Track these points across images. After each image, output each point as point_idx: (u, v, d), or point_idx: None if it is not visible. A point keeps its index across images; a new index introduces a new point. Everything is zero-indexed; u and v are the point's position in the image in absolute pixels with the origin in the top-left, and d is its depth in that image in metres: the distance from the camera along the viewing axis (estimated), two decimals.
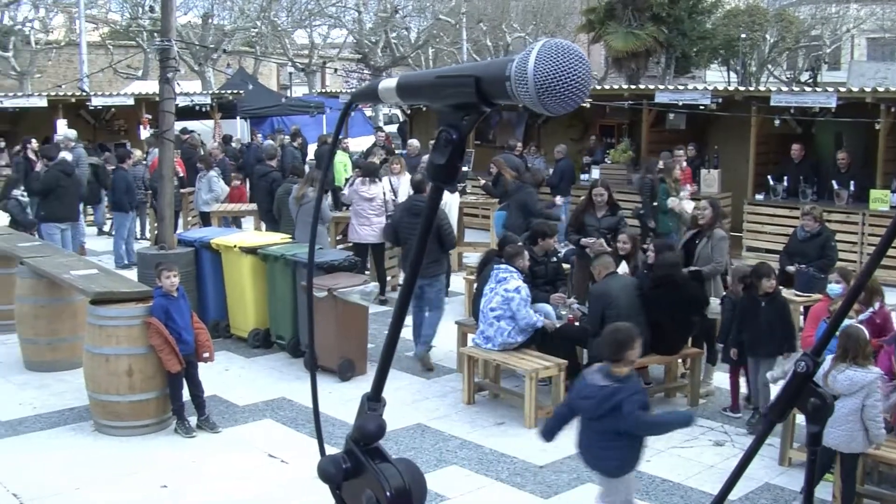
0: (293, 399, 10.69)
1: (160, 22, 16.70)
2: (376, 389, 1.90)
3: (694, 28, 40.16)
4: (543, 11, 50.30)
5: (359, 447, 1.87)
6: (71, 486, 8.48)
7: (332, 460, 1.89)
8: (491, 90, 1.57)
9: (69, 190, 17.05)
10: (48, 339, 11.69)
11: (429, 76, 1.69)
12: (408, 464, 1.87)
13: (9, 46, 41.16)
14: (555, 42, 1.51)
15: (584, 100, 1.52)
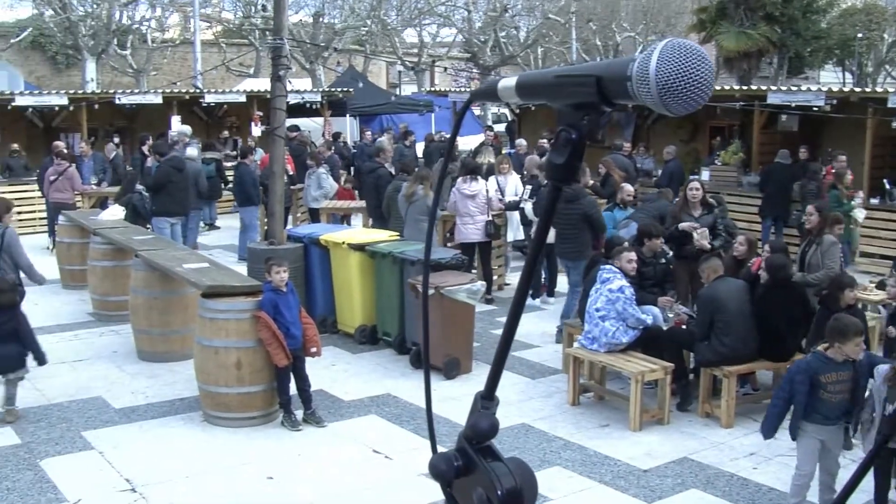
0: (398, 395, 10.75)
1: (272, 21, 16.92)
2: (490, 388, 1.89)
3: (808, 27, 39.32)
4: (654, 11, 49.82)
5: (471, 445, 1.87)
6: (181, 474, 8.65)
7: (443, 457, 1.89)
8: (612, 90, 1.56)
9: (179, 185, 17.36)
10: (161, 331, 11.95)
11: (548, 75, 1.68)
12: (519, 463, 1.86)
13: (126, 45, 42.07)
14: (678, 41, 1.50)
15: (706, 100, 1.50)
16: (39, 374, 11.50)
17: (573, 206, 12.91)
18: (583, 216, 13.04)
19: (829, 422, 7.58)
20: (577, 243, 12.89)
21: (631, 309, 10.18)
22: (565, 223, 12.89)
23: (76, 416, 10.23)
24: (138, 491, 8.30)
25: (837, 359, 7.47)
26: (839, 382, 7.48)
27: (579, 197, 13.23)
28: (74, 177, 19.47)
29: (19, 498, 8.20)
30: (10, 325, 9.97)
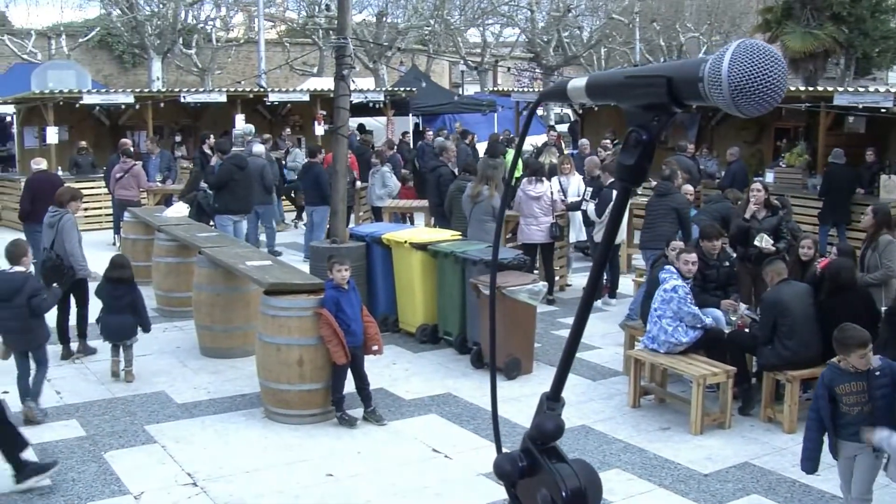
0: (458, 395, 10.75)
1: (336, 20, 16.98)
2: (556, 389, 1.89)
3: (876, 27, 38.71)
4: (718, 11, 49.39)
5: (536, 446, 1.87)
6: (241, 469, 8.72)
7: (508, 458, 1.90)
8: (683, 91, 1.55)
9: (242, 183, 17.49)
10: (223, 327, 12.06)
11: (619, 76, 1.68)
12: (584, 465, 1.86)
13: (192, 44, 42.48)
14: (750, 42, 1.49)
15: (778, 102, 1.49)
16: (104, 368, 11.70)
17: (665, 199, 13.54)
18: (673, 210, 13.43)
19: (856, 437, 7.28)
20: (665, 237, 12.87)
21: (686, 307, 10.09)
22: (654, 216, 13.52)
23: (140, 410, 10.36)
24: (199, 485, 8.38)
25: (849, 369, 7.29)
26: (854, 394, 7.24)
27: (671, 192, 13.72)
28: (140, 174, 19.70)
29: (84, 489, 8.32)
30: (127, 298, 11.21)
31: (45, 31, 45.09)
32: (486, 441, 9.33)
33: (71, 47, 43.64)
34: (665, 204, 13.58)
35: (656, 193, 14.06)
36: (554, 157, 19.95)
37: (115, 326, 11.24)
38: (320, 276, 10.67)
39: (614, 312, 14.15)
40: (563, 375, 1.89)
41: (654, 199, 14.01)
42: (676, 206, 13.55)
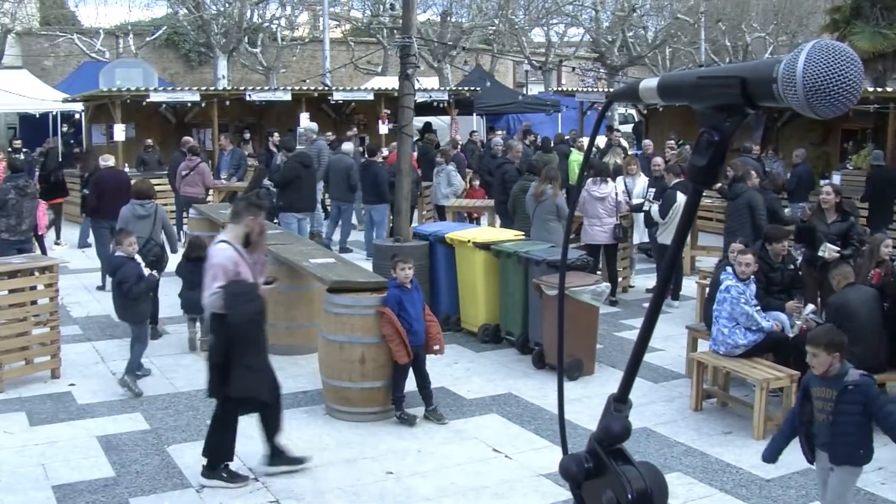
0: (520, 395, 10.73)
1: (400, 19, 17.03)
2: (623, 391, 1.89)
3: None
4: (785, 11, 48.74)
5: (602, 447, 1.87)
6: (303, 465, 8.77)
7: (574, 459, 1.89)
8: (756, 92, 1.54)
9: (306, 181, 17.60)
10: (286, 324, 12.12)
11: (691, 77, 1.67)
12: (650, 468, 1.85)
13: (257, 43, 42.83)
14: (826, 43, 1.47)
15: (854, 103, 1.47)
16: (168, 363, 11.86)
17: (738, 198, 13.70)
18: (746, 205, 13.62)
19: (824, 448, 6.93)
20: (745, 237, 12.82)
21: (739, 307, 9.96)
22: (732, 218, 13.75)
23: (203, 404, 10.42)
24: (260, 480, 8.44)
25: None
26: (823, 399, 6.87)
27: (742, 191, 13.85)
28: (205, 172, 19.90)
29: (147, 481, 8.42)
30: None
31: (113, 30, 45.72)
32: (547, 441, 9.30)
33: (138, 46, 44.21)
34: (739, 203, 13.68)
35: (729, 197, 14.14)
36: (619, 158, 19.87)
37: (194, 301, 11.49)
38: (383, 275, 10.71)
39: (677, 314, 14.06)
40: (630, 377, 1.88)
41: (730, 204, 14.13)
42: (749, 200, 13.63)
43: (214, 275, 8.11)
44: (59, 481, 8.42)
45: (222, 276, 8.08)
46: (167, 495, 8.15)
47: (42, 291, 11.59)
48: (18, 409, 10.34)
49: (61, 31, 45.41)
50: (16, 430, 9.70)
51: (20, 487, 8.30)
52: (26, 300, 11.47)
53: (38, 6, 48.52)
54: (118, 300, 11.09)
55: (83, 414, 10.21)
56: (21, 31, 45.07)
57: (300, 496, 8.12)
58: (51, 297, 11.56)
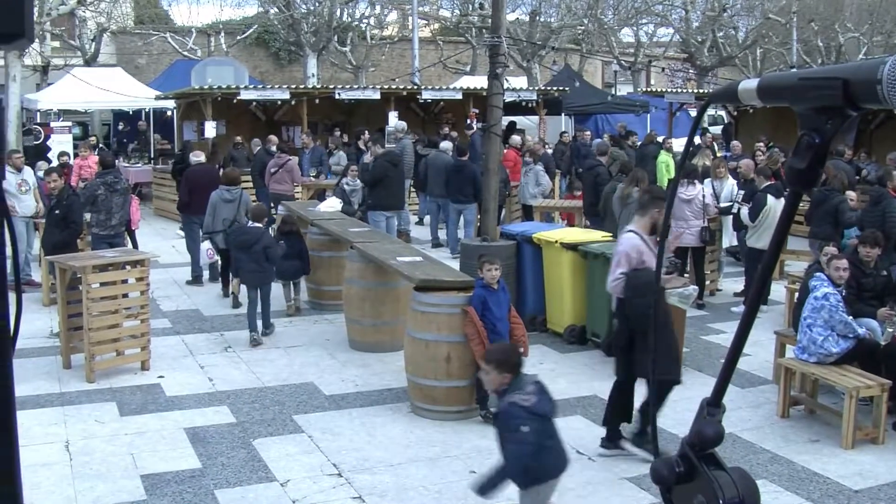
0: (604, 397, 10.59)
1: (489, 18, 17.03)
2: (717, 395, 1.86)
3: None
4: (880, 10, 47.77)
5: (694, 451, 1.84)
6: (385, 462, 8.80)
7: (665, 462, 1.87)
8: (859, 93, 1.50)
9: (395, 180, 17.68)
10: (372, 321, 12.20)
11: (791, 78, 1.64)
12: (743, 474, 1.83)
13: (346, 41, 43.14)
14: None
15: None
16: (255, 358, 12.00)
17: (825, 204, 13.64)
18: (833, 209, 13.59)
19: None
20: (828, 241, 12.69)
21: (838, 315, 9.77)
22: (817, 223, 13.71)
23: (288, 399, 10.56)
24: (344, 476, 8.49)
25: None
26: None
27: (830, 196, 13.81)
28: (294, 169, 20.07)
29: (233, 474, 8.52)
30: (297, 247, 14.06)
31: (205, 29, 46.35)
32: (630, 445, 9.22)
33: (229, 44, 44.77)
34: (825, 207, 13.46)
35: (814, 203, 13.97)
36: (707, 160, 19.64)
37: (287, 269, 14.04)
38: (470, 274, 10.71)
39: (765, 319, 13.85)
40: (724, 382, 1.86)
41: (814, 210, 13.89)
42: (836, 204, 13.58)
43: (618, 261, 8.92)
44: (147, 471, 8.57)
45: (625, 263, 8.83)
46: (252, 488, 8.24)
47: (133, 285, 11.80)
48: (109, 399, 10.55)
49: (155, 30, 46.19)
50: (107, 420, 9.89)
51: (110, 475, 8.46)
52: (118, 293, 11.68)
53: (132, 5, 49.42)
54: (258, 265, 12.79)
55: (171, 406, 10.37)
56: (116, 30, 45.92)
57: (383, 493, 8.15)
58: (142, 291, 11.76)
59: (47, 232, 13.90)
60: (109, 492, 8.14)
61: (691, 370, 11.56)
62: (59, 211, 13.82)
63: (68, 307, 11.56)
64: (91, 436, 9.44)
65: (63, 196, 14.16)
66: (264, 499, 8.04)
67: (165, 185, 25.76)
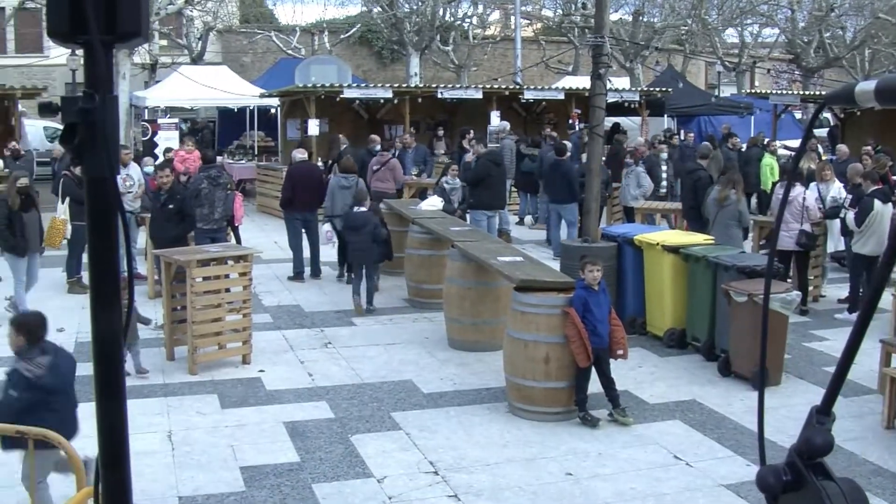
0: (704, 402, 10.53)
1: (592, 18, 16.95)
2: (827, 403, 1.82)
3: None
4: None
5: (802, 460, 1.81)
6: (482, 461, 8.80)
7: (772, 470, 1.84)
8: None
9: (497, 179, 17.68)
10: (472, 320, 12.22)
11: None
12: (852, 486, 1.79)
13: (449, 41, 43.27)
14: None
15: None
16: (355, 354, 12.10)
17: None
18: None
19: None
20: None
21: None
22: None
23: (387, 396, 10.63)
24: (440, 474, 8.51)
25: None
26: None
27: None
28: (396, 168, 20.16)
29: (330, 469, 8.60)
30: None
31: (309, 28, 46.89)
32: (729, 451, 9.10)
33: (333, 43, 45.22)
34: None
35: None
36: (812, 163, 19.29)
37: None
38: (571, 275, 10.67)
39: (870, 327, 13.38)
40: (835, 390, 1.83)
41: None
42: None
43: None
44: (247, 463, 8.70)
45: None
46: (348, 484, 8.31)
47: (236, 280, 11.97)
48: (211, 392, 10.72)
49: (259, 29, 46.87)
50: (208, 412, 10.06)
51: (211, 466, 8.60)
52: (221, 288, 11.87)
53: (238, 5, 50.23)
54: (369, 245, 14.26)
55: (271, 399, 10.50)
56: (222, 29, 46.72)
57: (479, 492, 8.16)
58: (244, 286, 11.93)
59: (160, 227, 14.11)
60: (210, 482, 8.28)
61: (792, 377, 11.37)
62: (173, 205, 14.09)
63: (172, 300, 11.79)
64: (193, 427, 9.61)
65: (176, 191, 14.43)
66: (361, 494, 8.11)
67: (269, 181, 26.09)
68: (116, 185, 2.28)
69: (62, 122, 2.23)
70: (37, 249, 13.92)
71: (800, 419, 1.86)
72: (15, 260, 13.71)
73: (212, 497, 7.99)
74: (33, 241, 13.77)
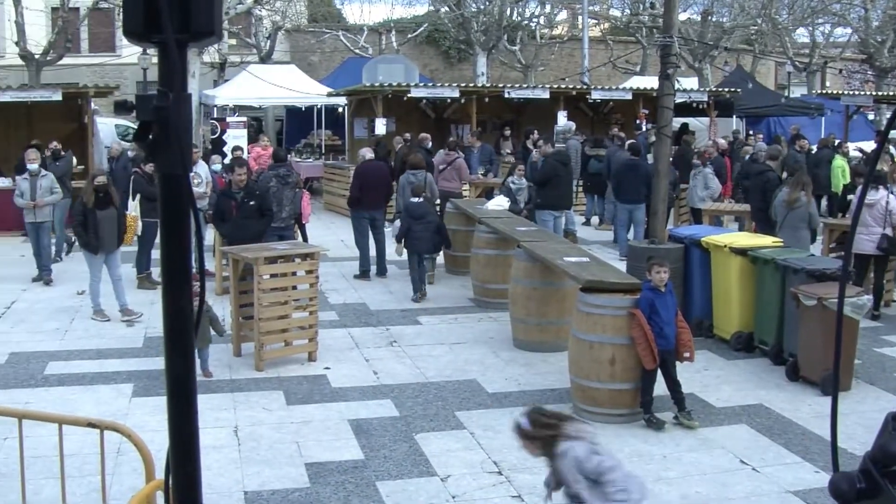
0: (771, 407, 10.40)
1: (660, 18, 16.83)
2: None
3: None
4: None
5: (877, 468, 1.78)
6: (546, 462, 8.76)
7: (846, 477, 1.81)
8: None
9: (565, 179, 17.63)
10: (537, 321, 12.20)
11: None
12: None
13: (516, 40, 43.21)
14: None
15: None
16: (420, 353, 12.13)
17: None
18: None
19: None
20: None
21: None
22: None
23: (451, 395, 10.63)
24: (504, 474, 8.50)
25: None
26: None
27: None
28: (462, 167, 20.20)
29: (394, 467, 8.63)
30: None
31: (376, 27, 47.11)
32: (797, 457, 8.98)
33: (400, 42, 45.39)
34: None
35: None
36: (886, 165, 18.99)
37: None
38: (637, 276, 10.60)
39: None
40: None
41: None
42: None
43: None
44: (312, 459, 8.75)
45: None
46: (412, 482, 8.32)
47: (303, 277, 12.05)
48: (277, 388, 10.81)
49: (327, 28, 47.12)
50: (274, 408, 10.14)
51: (276, 462, 8.67)
52: (288, 285, 11.96)
53: (306, 4, 50.55)
54: (430, 235, 15.29)
55: (336, 397, 10.56)
56: (290, 28, 47.05)
57: (543, 493, 8.13)
58: (311, 284, 12.01)
59: (240, 225, 14.17)
60: (275, 477, 8.34)
61: (863, 383, 11.20)
62: (253, 202, 14.22)
63: (240, 297, 11.90)
64: (259, 422, 9.69)
65: (253, 188, 14.58)
66: (424, 493, 8.12)
67: (336, 180, 26.24)
68: (189, 182, 2.31)
69: (136, 120, 2.26)
70: (112, 247, 14.09)
71: (870, 426, 1.83)
72: (90, 257, 13.92)
73: (277, 493, 8.05)
74: (108, 240, 13.92)
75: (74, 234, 14.55)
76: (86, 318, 13.98)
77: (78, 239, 14.17)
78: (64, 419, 6.13)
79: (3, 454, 8.45)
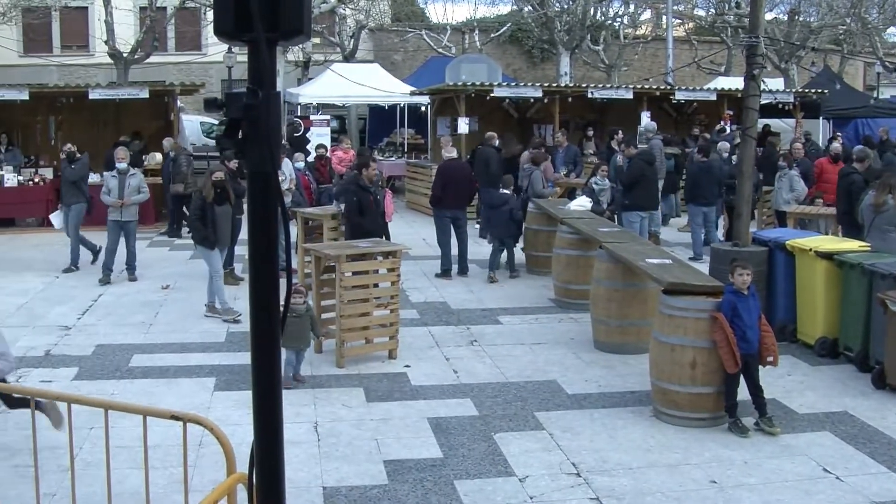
0: (856, 415, 10.22)
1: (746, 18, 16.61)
2: None
3: None
4: None
5: None
6: (625, 465, 8.73)
7: None
8: None
9: (651, 179, 17.54)
10: (618, 322, 12.14)
11: None
12: None
13: (599, 40, 43.01)
14: None
15: None
16: (500, 353, 12.15)
17: None
18: None
19: None
20: None
21: None
22: None
23: (531, 396, 10.62)
24: (582, 476, 8.46)
25: None
26: None
27: None
28: (547, 167, 20.15)
29: (472, 466, 8.64)
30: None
31: (459, 27, 47.16)
32: (883, 467, 8.81)
33: (483, 42, 45.41)
34: None
35: None
36: None
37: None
38: (720, 279, 10.50)
39: None
40: None
41: None
42: None
43: None
44: (390, 457, 8.80)
45: None
46: (490, 481, 8.33)
47: (385, 275, 12.13)
48: (357, 385, 10.88)
49: (411, 27, 47.32)
50: (354, 405, 10.22)
51: (355, 458, 8.74)
52: (369, 283, 12.03)
53: (390, 3, 50.83)
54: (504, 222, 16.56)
55: (416, 395, 10.61)
56: (374, 27, 47.35)
57: (621, 496, 8.09)
58: (393, 282, 12.08)
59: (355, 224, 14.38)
60: (354, 474, 8.40)
61: None
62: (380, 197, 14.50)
63: (322, 294, 11.99)
64: (338, 419, 9.77)
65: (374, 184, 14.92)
66: (502, 492, 8.12)
67: (418, 178, 26.34)
68: (278, 179, 2.33)
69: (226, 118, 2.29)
70: (227, 243, 14.29)
71: None
72: (207, 253, 14.02)
73: (355, 489, 8.11)
74: (224, 235, 14.15)
75: (191, 229, 14.71)
76: (170, 313, 14.21)
77: (195, 234, 14.27)
78: (148, 411, 6.21)
79: (90, 444, 8.63)
